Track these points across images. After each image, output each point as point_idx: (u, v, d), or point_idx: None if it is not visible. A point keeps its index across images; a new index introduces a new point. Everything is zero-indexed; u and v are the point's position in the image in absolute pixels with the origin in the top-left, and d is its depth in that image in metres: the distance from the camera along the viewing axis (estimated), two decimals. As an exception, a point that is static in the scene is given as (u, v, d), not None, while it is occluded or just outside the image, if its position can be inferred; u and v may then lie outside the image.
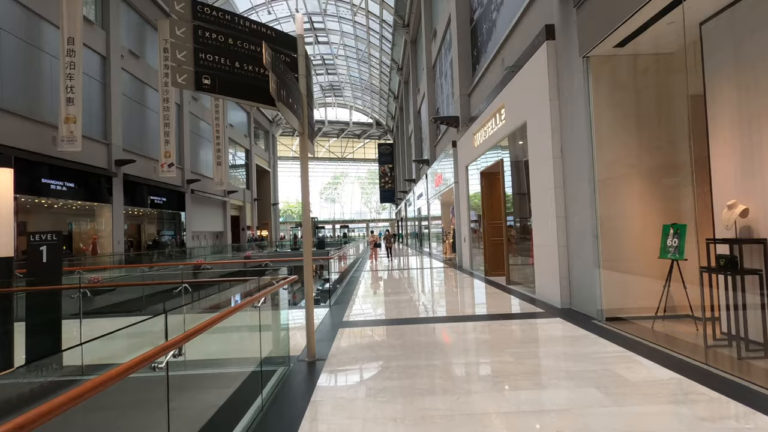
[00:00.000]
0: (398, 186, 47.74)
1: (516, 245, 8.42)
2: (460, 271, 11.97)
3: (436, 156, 19.78)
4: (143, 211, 23.51)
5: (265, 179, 47.81)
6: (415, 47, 27.95)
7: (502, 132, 8.27)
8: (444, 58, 17.59)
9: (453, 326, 5.05)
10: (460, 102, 12.73)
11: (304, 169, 4.06)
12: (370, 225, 68.78)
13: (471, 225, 11.75)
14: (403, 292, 8.21)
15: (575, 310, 5.60)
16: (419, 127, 27.86)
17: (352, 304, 6.99)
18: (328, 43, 38.00)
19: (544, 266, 6.45)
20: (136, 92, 22.40)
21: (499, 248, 9.89)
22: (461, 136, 12.48)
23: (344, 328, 5.22)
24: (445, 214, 18.50)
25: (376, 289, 9.10)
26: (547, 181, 6.17)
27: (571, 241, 5.75)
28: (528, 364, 3.51)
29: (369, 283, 9.94)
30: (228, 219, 34.83)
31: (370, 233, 21.00)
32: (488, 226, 10.00)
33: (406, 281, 10.23)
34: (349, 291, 8.60)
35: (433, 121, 12.98)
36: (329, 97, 53.07)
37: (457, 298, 7.36)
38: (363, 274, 11.93)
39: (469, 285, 8.85)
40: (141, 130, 22.78)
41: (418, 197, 25.96)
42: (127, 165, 20.19)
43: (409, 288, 8.90)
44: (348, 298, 7.63)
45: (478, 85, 11.72)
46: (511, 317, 5.44)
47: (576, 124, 5.45)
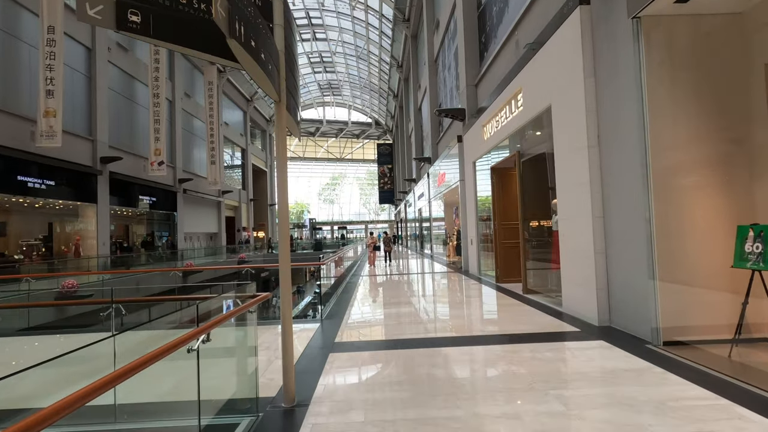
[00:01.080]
0: (397, 186, 46.77)
1: (535, 249, 7.44)
2: (467, 276, 10.98)
3: (438, 154, 18.81)
4: (132, 211, 22.49)
5: (262, 179, 46.79)
6: (415, 42, 27.01)
7: (519, 120, 7.29)
8: (447, 50, 16.64)
9: (472, 352, 4.06)
10: (467, 93, 11.77)
11: (281, 145, 3.08)
12: (369, 226, 67.79)
13: (479, 226, 10.77)
14: (406, 302, 7.21)
15: (618, 330, 4.61)
16: (420, 125, 26.90)
17: (347, 318, 5.99)
18: (326, 39, 37.07)
19: (574, 274, 5.47)
20: (124, 87, 21.41)
21: (512, 252, 8.90)
22: (467, 130, 11.51)
23: (336, 352, 4.22)
24: (448, 214, 17.52)
25: (374, 297, 8.09)
26: (579, 175, 5.19)
27: (612, 246, 4.76)
28: (590, 419, 2.53)
29: (367, 291, 8.94)
30: (223, 220, 33.81)
31: (369, 235, 19.33)
32: (500, 228, 9.02)
33: (408, 288, 9.23)
34: (344, 300, 7.60)
35: (436, 114, 12.01)
36: (327, 96, 52.11)
37: (470, 311, 6.37)
38: (361, 280, 10.92)
39: (481, 294, 7.86)
40: (129, 127, 21.78)
41: (418, 197, 24.98)
42: (113, 163, 19.18)
43: (413, 297, 7.90)
44: (343, 310, 6.63)
45: (486, 74, 10.76)
46: (541, 338, 4.45)
47: (620, 104, 4.47)
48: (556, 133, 5.86)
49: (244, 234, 39.12)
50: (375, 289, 9.18)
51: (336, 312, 6.50)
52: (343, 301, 7.60)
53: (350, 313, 6.41)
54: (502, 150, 8.78)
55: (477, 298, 7.47)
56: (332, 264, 9.23)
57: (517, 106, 7.37)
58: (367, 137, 62.96)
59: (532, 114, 6.75)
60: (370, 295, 8.43)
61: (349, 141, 65.17)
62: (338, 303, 7.42)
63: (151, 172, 22.11)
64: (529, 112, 6.86)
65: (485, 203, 10.19)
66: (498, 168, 9.14)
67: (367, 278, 11.69)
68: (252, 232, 41.56)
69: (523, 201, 7.48)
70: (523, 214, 7.49)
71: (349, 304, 7.18)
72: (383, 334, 5.02)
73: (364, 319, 5.95)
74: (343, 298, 7.99)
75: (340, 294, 8.51)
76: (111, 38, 20.05)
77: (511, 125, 7.73)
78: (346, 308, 6.84)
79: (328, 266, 8.33)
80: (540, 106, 6.40)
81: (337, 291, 8.87)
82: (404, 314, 6.10)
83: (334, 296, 8.14)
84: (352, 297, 7.99)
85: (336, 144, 65.56)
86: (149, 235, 24.30)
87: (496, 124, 8.66)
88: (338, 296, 8.23)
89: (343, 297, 8.08)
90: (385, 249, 16.24)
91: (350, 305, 7.12)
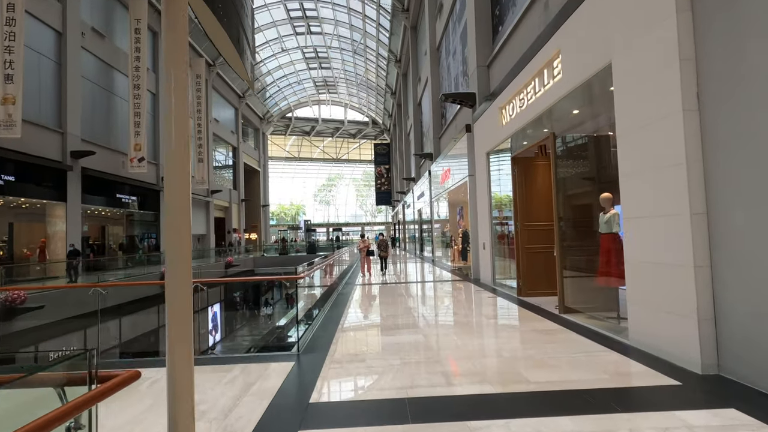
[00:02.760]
0: (395, 187, 45.26)
1: (576, 257, 5.89)
2: (478, 286, 9.41)
3: (441, 149, 17.28)
4: (109, 210, 20.81)
5: (254, 179, 45.13)
6: (415, 34, 25.51)
7: (555, 93, 5.75)
8: (452, 33, 15.12)
9: (526, 429, 2.50)
10: (477, 75, 10.23)
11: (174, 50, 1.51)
12: (365, 228, 66.19)
13: (494, 228, 9.21)
14: (411, 326, 5.60)
15: (737, 383, 3.06)
16: (420, 121, 25.37)
17: (334, 352, 4.40)
18: (321, 33, 35.52)
19: (653, 296, 3.90)
20: (100, 76, 19.75)
21: (538, 259, 7.35)
22: (478, 117, 9.97)
23: (312, 430, 2.63)
24: (452, 215, 15.98)
25: (369, 317, 6.48)
26: (663, 155, 3.64)
27: (724, 257, 3.21)
28: None
29: (360, 309, 7.29)
30: (211, 221, 32.14)
31: (360, 238, 15.36)
32: (523, 230, 7.46)
33: (411, 304, 7.62)
34: (332, 322, 6.01)
35: (442, 100, 10.48)
36: (323, 93, 50.56)
37: (502, 343, 4.75)
38: (353, 292, 9.29)
39: (507, 314, 6.24)
40: (106, 120, 20.12)
41: (418, 197, 23.43)
42: (86, 158, 17.52)
43: (419, 317, 6.28)
44: (329, 337, 5.04)
45: (502, 50, 9.22)
46: (634, 400, 2.89)
47: (746, 40, 2.93)
48: (620, 100, 4.31)
49: (235, 236, 37.43)
50: (371, 305, 7.56)
51: (319, 341, 4.90)
52: (331, 321, 6.01)
53: (339, 342, 4.82)
54: (526, 135, 7.23)
55: (504, 319, 5.87)
56: (318, 272, 7.63)
57: (551, 75, 5.82)
58: (364, 137, 61.44)
59: (576, 81, 5.20)
60: (364, 314, 6.81)
61: (345, 141, 63.63)
62: (325, 324, 5.83)
63: (130, 169, 20.39)
64: (571, 79, 5.31)
65: (503, 201, 8.64)
66: (521, 158, 7.60)
67: (360, 290, 10.09)
68: (243, 233, 39.86)
69: (558, 196, 5.92)
70: (558, 213, 5.93)
71: (339, 327, 5.59)
72: (386, 383, 3.43)
73: (357, 354, 4.36)
74: (332, 316, 6.39)
75: (329, 310, 6.91)
76: (85, 23, 18.43)
77: (542, 102, 6.18)
78: (334, 333, 5.24)
79: (312, 278, 6.71)
80: (590, 69, 4.84)
81: (326, 306, 7.26)
82: (412, 347, 4.51)
83: (322, 313, 6.53)
84: (343, 315, 6.39)
85: (332, 144, 64.00)
86: (129, 236, 22.59)
87: (520, 103, 7.11)
88: (326, 313, 6.63)
89: (332, 315, 6.48)
90: (380, 254, 13.32)
91: (340, 328, 5.52)
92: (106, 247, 20.50)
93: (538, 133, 6.73)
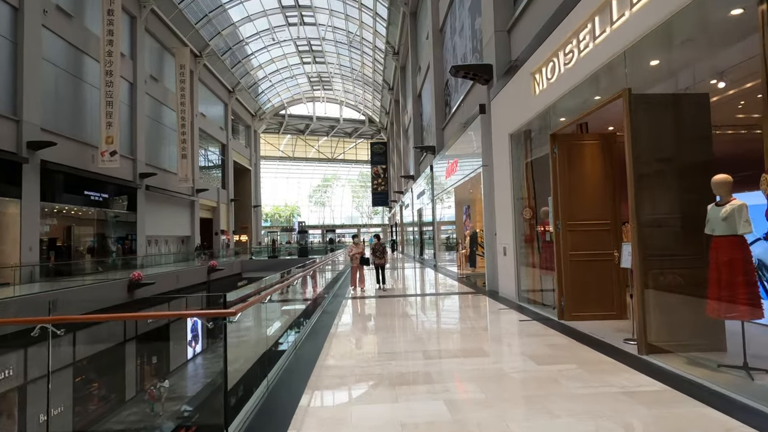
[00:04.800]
0: (392, 187, 43.45)
1: (667, 270, 4.02)
2: (497, 301, 7.54)
3: (444, 142, 15.46)
4: (76, 209, 18.79)
5: (245, 179, 43.12)
6: (415, 20, 23.71)
7: (632, 30, 3.89)
8: (459, 7, 13.29)
9: None
10: (495, 43, 8.39)
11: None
12: (361, 231, 64.31)
13: (519, 228, 7.34)
14: (423, 381, 3.62)
15: None
16: (419, 114, 23.54)
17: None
18: (315, 24, 33.64)
19: None
20: (67, 59, 17.75)
21: (588, 270, 5.49)
22: (496, 93, 8.13)
23: None
24: (458, 215, 14.13)
25: (360, 362, 4.48)
26: None
27: None
28: None
29: (348, 342, 5.29)
30: (197, 221, 30.09)
31: (353, 240, 12.16)
32: (567, 231, 5.59)
33: (417, 333, 5.65)
34: (304, 365, 4.11)
35: (452, 74, 8.63)
36: (317, 90, 48.64)
37: (574, 424, 2.85)
38: (341, 310, 7.33)
39: (562, 354, 4.13)
40: (74, 109, 18.11)
41: (418, 196, 21.57)
42: (46, 149, 15.52)
43: (431, 363, 4.26)
44: (285, 415, 3.10)
45: (528, 8, 7.40)
46: None
47: None
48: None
49: (223, 237, 35.38)
50: (363, 336, 5.62)
51: (276, 416, 3.00)
52: (302, 367, 4.10)
53: (305, 418, 2.92)
54: (575, 102, 5.38)
55: (563, 364, 3.83)
56: (300, 282, 5.71)
57: (627, 3, 3.96)
58: (360, 136, 59.59)
59: (674, 4, 3.34)
60: (354, 350, 4.87)
61: (341, 140, 61.74)
62: (292, 370, 3.93)
63: (101, 163, 18.48)
64: (662, 5, 3.46)
65: (534, 194, 6.79)
66: (562, 135, 5.74)
67: (353, 306, 8.19)
68: (232, 235, 37.82)
69: (637, 180, 4.03)
70: (637, 206, 4.03)
71: (312, 382, 3.67)
72: None
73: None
74: (301, 359, 4.47)
75: (303, 343, 4.99)
76: (48, 0, 16.46)
77: (607, 48, 4.32)
78: (299, 399, 3.33)
79: (277, 298, 4.76)
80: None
81: (300, 336, 5.34)
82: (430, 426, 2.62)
83: (289, 353, 4.61)
84: (320, 357, 4.46)
85: (327, 144, 62.10)
86: (100, 237, 20.54)
87: (565, 60, 5.25)
88: (296, 352, 4.71)
89: (304, 356, 4.55)
90: (375, 263, 10.01)
91: (312, 386, 3.59)
92: (72, 249, 18.43)
93: (594, 96, 4.87)
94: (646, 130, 4.01)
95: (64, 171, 16.74)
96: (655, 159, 4.06)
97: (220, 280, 23.80)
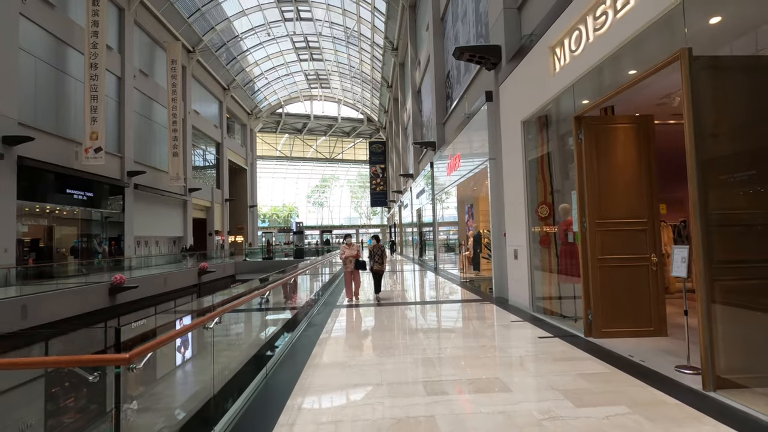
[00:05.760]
0: (391, 187, 42.57)
1: (741, 281, 3.13)
2: (507, 310, 6.65)
3: (445, 137, 14.58)
4: (59, 209, 17.87)
5: (240, 178, 42.20)
6: (414, 13, 22.86)
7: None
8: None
9: None
10: (504, 21, 7.51)
11: None
12: (360, 231, 63.41)
13: (532, 228, 6.45)
14: (427, 430, 2.80)
15: None
16: (419, 111, 22.67)
17: None
18: (311, 19, 32.77)
19: None
20: (48, 51, 16.84)
21: (620, 277, 4.61)
22: (506, 76, 7.24)
23: None
24: (460, 214, 13.24)
25: (343, 398, 3.55)
26: None
27: None
28: None
29: (329, 372, 4.34)
30: (189, 222, 29.14)
31: (346, 240, 8.84)
32: (595, 231, 4.71)
33: (417, 357, 4.67)
34: (272, 407, 3.22)
35: (456, 56, 7.74)
36: (315, 88, 47.75)
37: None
38: (328, 325, 6.41)
39: (606, 389, 3.14)
40: (56, 103, 17.19)
41: (417, 195, 20.68)
42: (24, 144, 14.61)
43: (437, 398, 3.23)
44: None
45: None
46: None
47: None
48: None
49: (218, 238, 34.45)
50: (350, 361, 4.68)
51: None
52: (269, 406, 3.21)
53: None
54: (602, 79, 4.50)
55: (601, 406, 2.94)
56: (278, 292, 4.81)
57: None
58: (359, 135, 58.72)
59: None
60: (339, 380, 3.95)
61: (339, 139, 60.86)
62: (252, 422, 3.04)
63: (84, 160, 17.59)
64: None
65: (552, 189, 5.90)
66: (590, 117, 4.85)
67: (346, 318, 7.29)
68: (227, 236, 36.87)
69: (701, 168, 3.13)
70: (700, 200, 3.13)
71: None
72: None
73: None
74: (271, 394, 3.56)
75: (274, 372, 4.08)
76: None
77: (655, 2, 3.45)
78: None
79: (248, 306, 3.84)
80: None
81: (276, 359, 4.43)
82: None
83: (259, 384, 3.70)
84: (294, 391, 3.56)
85: (326, 143, 61.21)
86: (84, 238, 19.60)
87: (596, 25, 4.37)
88: (272, 374, 3.81)
89: (276, 386, 3.66)
90: (374, 268, 8.47)
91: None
92: (53, 250, 17.50)
93: (632, 68, 3.98)
94: (712, 102, 3.12)
95: (44, 168, 15.84)
96: (723, 138, 3.16)
97: (212, 282, 22.88)
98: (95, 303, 13.40)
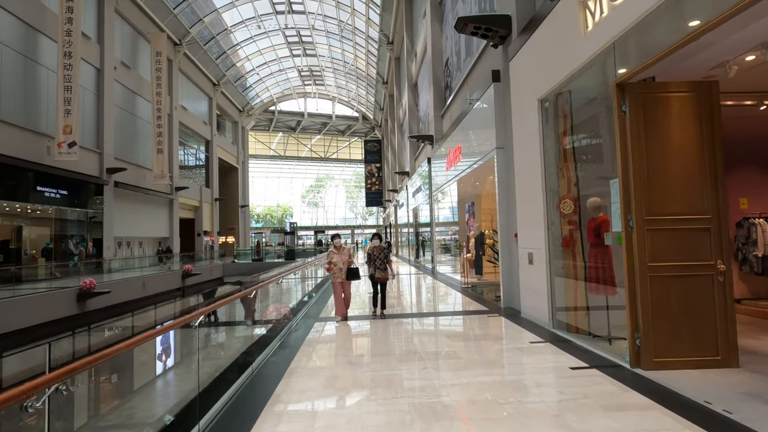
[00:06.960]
0: (386, 186, 41.52)
1: None
2: (518, 325, 5.58)
3: (444, 129, 13.51)
4: (30, 208, 16.65)
5: (231, 177, 40.97)
6: (410, 3, 21.77)
7: None
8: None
9: None
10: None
11: None
12: (356, 232, 62.32)
13: (555, 226, 5.37)
14: None
15: None
16: (415, 105, 21.60)
17: None
18: (304, 12, 31.62)
19: None
20: (16, 38, 15.62)
21: (681, 290, 3.54)
22: (518, 49, 6.17)
23: None
24: (460, 213, 12.17)
25: None
26: None
27: None
28: None
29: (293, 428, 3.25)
30: (176, 222, 27.89)
31: (332, 242, 7.03)
32: (643, 229, 3.63)
33: (417, 403, 3.56)
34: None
35: (458, 29, 6.68)
36: (309, 85, 46.58)
37: None
38: (302, 350, 5.28)
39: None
40: (25, 94, 15.95)
41: (413, 194, 19.60)
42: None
43: None
44: None
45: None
46: None
47: None
48: None
49: (207, 239, 33.21)
50: (319, 413, 3.57)
51: None
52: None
53: None
54: (654, 34, 3.42)
55: None
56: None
57: None
58: (354, 134, 57.61)
59: None
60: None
61: (334, 138, 59.74)
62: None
63: (57, 155, 16.39)
64: None
65: (580, 178, 4.83)
66: (636, 84, 3.78)
67: (318, 345, 6.19)
68: (217, 236, 35.64)
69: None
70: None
71: None
72: None
73: None
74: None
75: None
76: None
77: None
78: None
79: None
80: None
81: (214, 412, 3.32)
82: None
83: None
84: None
85: (320, 142, 60.05)
86: (61, 239, 18.36)
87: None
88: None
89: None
90: (376, 276, 6.65)
91: None
92: (21, 252, 16.25)
93: (695, 17, 2.91)
94: None
95: (10, 164, 14.62)
96: None
97: (198, 285, 21.68)
98: (61, 310, 12.20)
